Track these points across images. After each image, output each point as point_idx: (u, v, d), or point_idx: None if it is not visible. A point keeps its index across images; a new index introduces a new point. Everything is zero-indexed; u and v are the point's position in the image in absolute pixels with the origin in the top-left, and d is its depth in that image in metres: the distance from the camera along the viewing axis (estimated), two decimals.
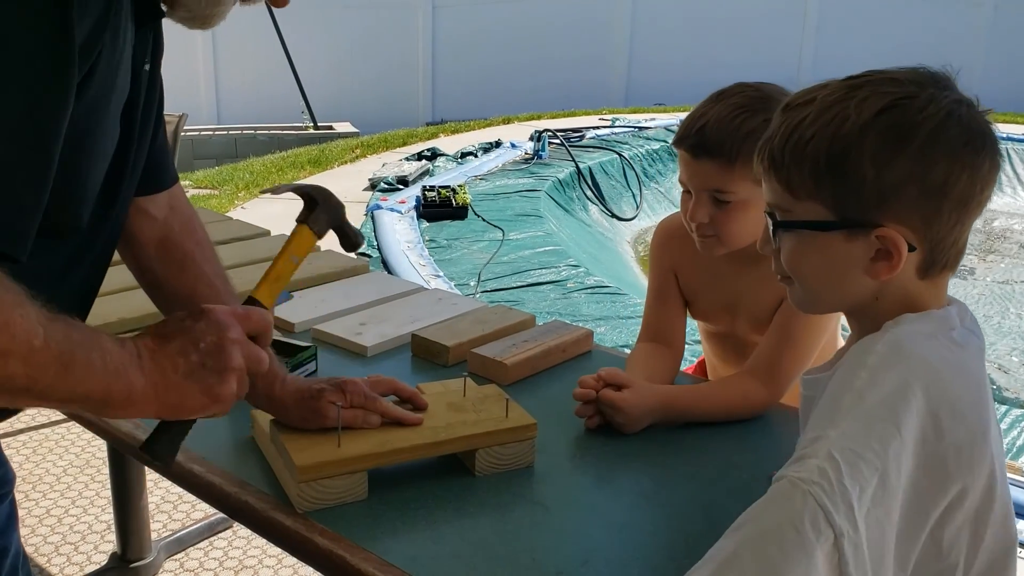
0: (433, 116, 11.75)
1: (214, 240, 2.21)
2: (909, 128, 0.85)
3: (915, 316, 0.91)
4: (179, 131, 3.41)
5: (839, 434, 0.82)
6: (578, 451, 1.32)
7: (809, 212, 0.91)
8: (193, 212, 1.27)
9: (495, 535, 1.12)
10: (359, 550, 1.07)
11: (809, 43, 12.11)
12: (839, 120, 0.87)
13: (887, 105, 0.86)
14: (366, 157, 7.57)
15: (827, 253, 0.91)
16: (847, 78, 0.92)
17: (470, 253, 4.98)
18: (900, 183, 0.86)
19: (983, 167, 0.88)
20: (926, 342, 0.88)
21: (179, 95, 9.87)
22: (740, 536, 0.82)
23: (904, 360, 0.86)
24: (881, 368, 0.85)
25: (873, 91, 0.88)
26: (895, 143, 0.85)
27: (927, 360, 0.86)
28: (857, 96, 0.88)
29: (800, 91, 0.94)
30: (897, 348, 0.87)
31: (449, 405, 1.28)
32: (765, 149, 0.94)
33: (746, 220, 1.37)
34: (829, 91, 0.91)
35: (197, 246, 1.23)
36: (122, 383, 0.84)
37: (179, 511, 2.54)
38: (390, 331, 1.69)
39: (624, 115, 9.25)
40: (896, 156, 0.85)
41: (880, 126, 0.86)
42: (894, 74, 0.90)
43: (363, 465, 1.16)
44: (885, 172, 0.86)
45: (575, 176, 6.75)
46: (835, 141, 0.87)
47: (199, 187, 6.65)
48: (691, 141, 1.36)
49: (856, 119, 0.86)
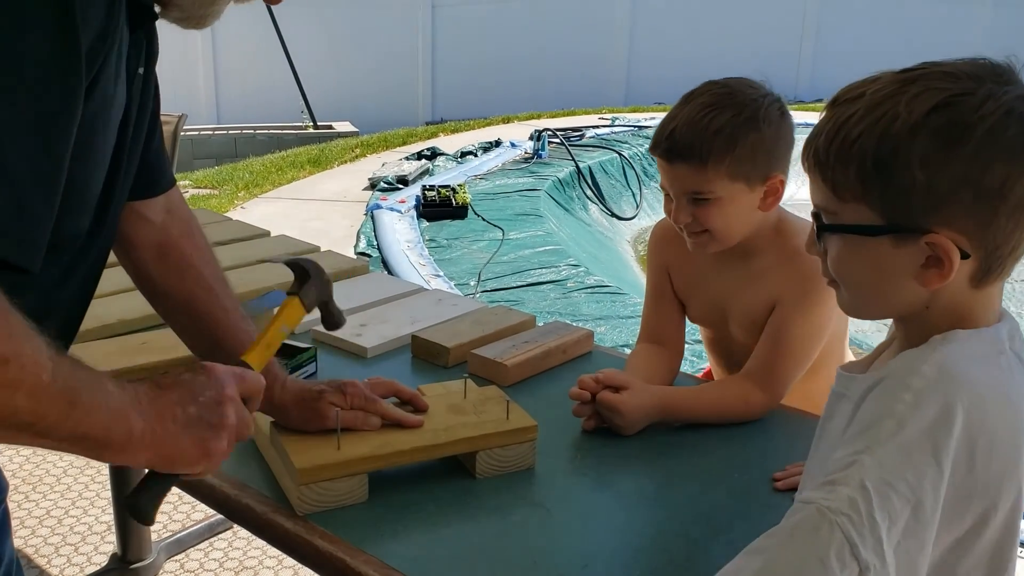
0: (433, 115, 11.75)
1: (213, 241, 2.21)
2: (964, 128, 0.79)
3: (966, 334, 0.86)
4: (179, 131, 3.41)
5: (875, 463, 0.78)
6: (579, 453, 1.32)
7: (855, 215, 0.85)
8: (191, 215, 1.26)
9: (496, 537, 1.11)
10: (359, 553, 1.07)
11: (808, 41, 12.11)
12: (888, 118, 0.81)
13: (940, 102, 0.80)
14: (366, 157, 7.57)
15: (874, 259, 0.86)
16: (901, 71, 0.85)
17: (470, 253, 4.97)
18: (953, 187, 0.80)
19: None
20: (975, 366, 0.84)
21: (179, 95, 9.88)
22: (763, 561, 0.79)
23: (951, 385, 0.81)
24: (926, 393, 0.81)
25: (926, 87, 0.81)
26: (948, 144, 0.80)
27: (974, 387, 0.82)
28: (909, 92, 0.81)
29: (849, 85, 0.87)
30: (945, 373, 0.82)
31: (450, 407, 1.28)
32: (811, 147, 0.88)
33: (728, 215, 1.38)
34: (880, 85, 0.84)
35: (195, 250, 1.22)
36: (123, 426, 0.84)
37: (179, 512, 2.53)
38: (390, 332, 1.69)
39: (624, 114, 9.25)
40: (949, 158, 0.80)
41: (932, 126, 0.80)
42: (951, 67, 0.83)
43: (363, 467, 1.16)
44: (937, 175, 0.80)
45: (575, 175, 6.74)
46: (883, 141, 0.81)
47: (199, 187, 6.65)
48: (664, 147, 1.37)
49: (907, 118, 0.80)
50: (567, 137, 7.48)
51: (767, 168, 1.37)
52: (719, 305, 1.52)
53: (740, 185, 1.36)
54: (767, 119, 1.35)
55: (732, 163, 1.34)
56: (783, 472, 1.26)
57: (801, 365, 1.42)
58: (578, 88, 11.51)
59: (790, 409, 1.46)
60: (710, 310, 1.55)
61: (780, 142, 1.38)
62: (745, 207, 1.39)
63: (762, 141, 1.35)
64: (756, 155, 1.35)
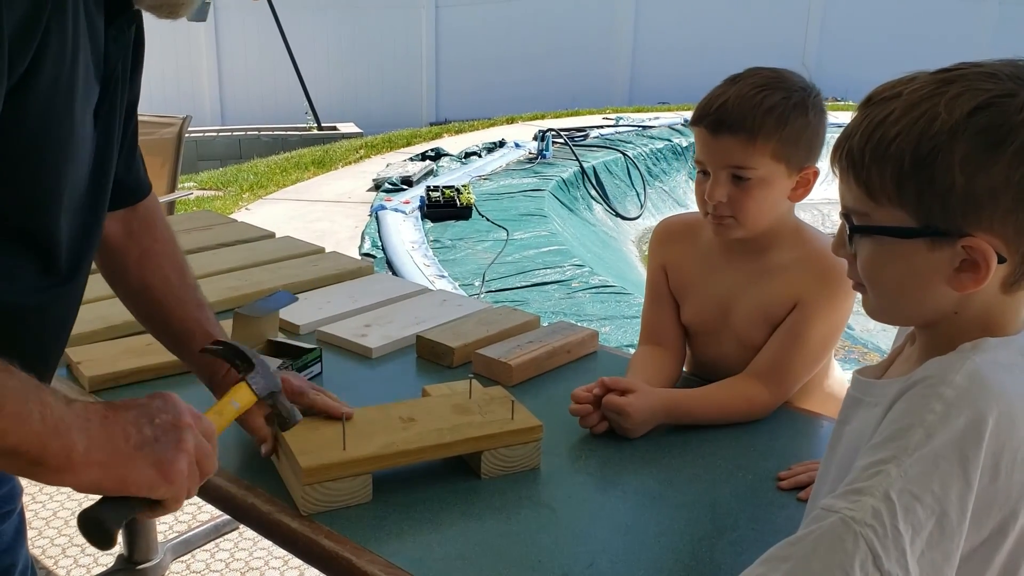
0: (437, 116, 11.76)
1: (218, 243, 2.22)
2: (1006, 130, 0.78)
3: (996, 342, 0.84)
4: (183, 134, 3.41)
5: (900, 473, 0.78)
6: (583, 453, 1.32)
7: (890, 217, 0.83)
8: (155, 206, 1.27)
9: (501, 537, 1.12)
10: (365, 552, 1.07)
11: (813, 41, 12.09)
12: (928, 119, 0.79)
13: (982, 103, 0.79)
14: (370, 158, 7.58)
15: (908, 262, 0.84)
16: (938, 71, 0.83)
17: (474, 253, 4.98)
18: (993, 190, 0.78)
19: None
20: (1006, 376, 0.82)
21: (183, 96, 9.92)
22: (786, 571, 0.78)
23: (982, 396, 0.80)
24: (958, 403, 0.80)
25: (967, 87, 0.80)
26: (989, 147, 0.78)
27: (1005, 398, 0.80)
28: (949, 92, 0.80)
29: (883, 84, 0.85)
30: (977, 383, 0.81)
31: (455, 407, 1.28)
32: (843, 147, 0.86)
33: (764, 199, 1.38)
34: (917, 85, 0.82)
35: (155, 242, 1.24)
36: (61, 442, 0.79)
37: (185, 513, 2.54)
38: (395, 333, 1.69)
39: (628, 114, 9.24)
40: (990, 161, 0.78)
41: (973, 127, 0.78)
42: (991, 67, 0.82)
43: (368, 467, 1.16)
44: (977, 178, 0.78)
45: (579, 175, 6.74)
46: (922, 142, 0.79)
47: (203, 188, 6.66)
48: (712, 118, 1.36)
49: (947, 118, 0.79)
50: (571, 137, 7.48)
51: (807, 156, 1.39)
52: (720, 302, 1.50)
53: (781, 167, 1.37)
54: (814, 107, 1.38)
55: (779, 142, 1.35)
56: (788, 471, 1.26)
57: (813, 366, 1.42)
58: (582, 88, 11.50)
59: (795, 409, 1.46)
60: (709, 307, 1.53)
61: (819, 133, 1.40)
62: (779, 193, 1.39)
63: (807, 127, 1.37)
64: (800, 140, 1.37)
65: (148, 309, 1.25)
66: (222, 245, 2.20)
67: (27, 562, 1.19)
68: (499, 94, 11.41)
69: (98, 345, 1.56)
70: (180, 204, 5.60)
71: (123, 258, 1.22)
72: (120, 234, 1.22)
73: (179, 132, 3.42)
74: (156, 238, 1.25)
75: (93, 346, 1.56)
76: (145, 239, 1.23)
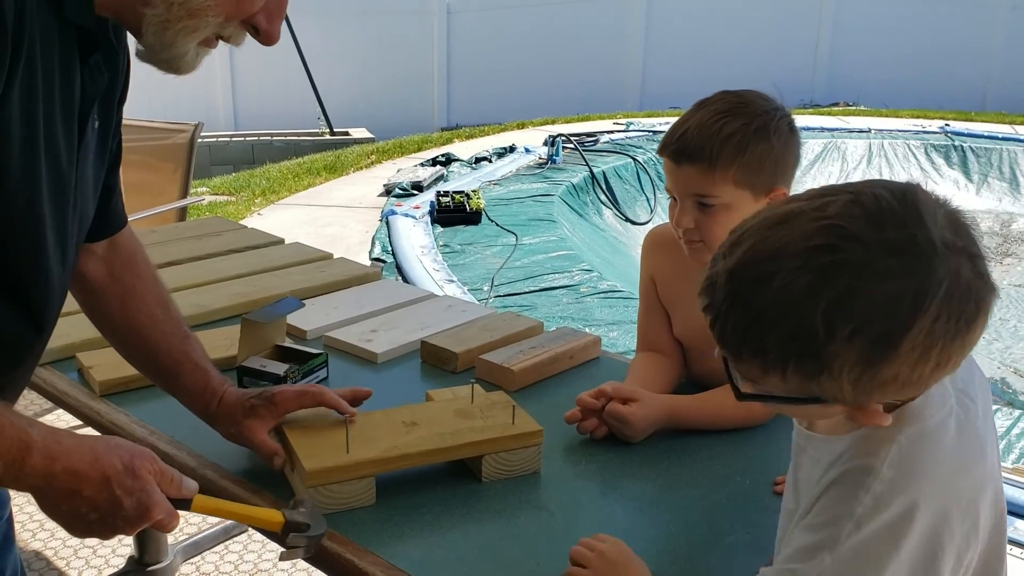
0: (448, 121, 11.79)
1: (228, 248, 2.25)
2: (892, 340, 0.76)
3: (918, 405, 0.83)
4: (195, 140, 3.45)
5: (834, 562, 0.81)
6: (583, 458, 1.34)
7: (779, 386, 0.82)
8: (135, 243, 1.28)
9: (501, 540, 1.14)
10: (367, 554, 1.09)
11: (824, 46, 12.06)
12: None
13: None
14: (381, 163, 7.61)
15: (804, 412, 0.89)
16: (810, 249, 0.78)
17: (484, 258, 5.00)
18: (885, 387, 0.79)
19: (973, 334, 0.79)
20: (935, 444, 0.83)
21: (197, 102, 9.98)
22: None
23: (912, 483, 0.81)
24: (885, 496, 0.80)
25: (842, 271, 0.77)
26: (881, 349, 0.77)
27: (936, 474, 0.81)
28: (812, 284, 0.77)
29: (755, 254, 0.82)
30: (905, 470, 0.81)
31: (457, 412, 1.31)
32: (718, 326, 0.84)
33: (730, 223, 1.37)
34: (785, 276, 0.78)
35: (137, 279, 1.26)
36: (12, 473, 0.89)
37: (195, 515, 2.57)
38: (400, 338, 1.72)
39: (639, 119, 9.25)
40: (883, 363, 0.77)
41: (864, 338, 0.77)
42: (874, 237, 0.76)
43: (371, 470, 1.19)
44: (873, 375, 0.78)
45: (589, 180, 6.75)
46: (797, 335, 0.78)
47: (216, 193, 6.71)
48: (673, 147, 1.39)
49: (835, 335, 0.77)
50: (581, 142, 7.49)
51: (772, 180, 1.39)
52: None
53: (745, 193, 1.38)
54: (777, 131, 1.37)
55: (739, 169, 1.35)
56: (784, 476, 1.27)
57: None
58: (593, 93, 11.51)
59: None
60: (694, 326, 1.53)
61: (787, 156, 1.40)
62: (744, 215, 1.40)
63: (770, 152, 1.36)
64: (763, 165, 1.37)
65: (134, 345, 1.27)
66: (232, 251, 2.23)
67: (16, 568, 1.22)
68: (510, 100, 11.43)
69: (109, 350, 1.58)
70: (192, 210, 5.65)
71: (107, 298, 1.24)
72: (102, 274, 1.23)
73: (191, 138, 3.46)
74: (138, 274, 1.26)
75: (104, 351, 1.58)
76: (127, 277, 1.25)
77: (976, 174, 7.95)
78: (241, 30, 1.00)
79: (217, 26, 0.97)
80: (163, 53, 0.97)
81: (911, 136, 8.33)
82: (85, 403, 1.47)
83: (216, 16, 0.95)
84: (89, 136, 1.03)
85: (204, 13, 0.94)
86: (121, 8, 0.95)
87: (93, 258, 1.22)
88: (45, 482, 0.90)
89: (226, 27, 0.98)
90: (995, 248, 6.86)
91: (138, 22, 0.94)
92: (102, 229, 1.21)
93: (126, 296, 1.24)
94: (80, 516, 0.93)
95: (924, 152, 8.13)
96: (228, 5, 0.95)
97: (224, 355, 1.55)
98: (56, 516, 0.93)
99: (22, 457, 0.89)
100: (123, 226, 1.26)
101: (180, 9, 0.93)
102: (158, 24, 0.94)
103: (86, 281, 1.22)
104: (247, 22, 0.99)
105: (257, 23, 1.00)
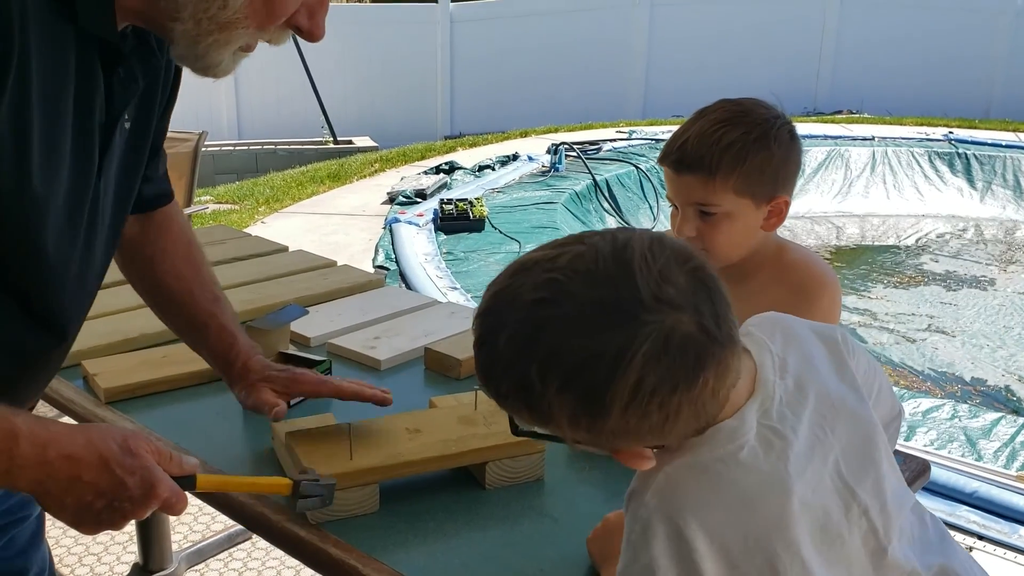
0: (451, 130, 11.82)
1: (232, 256, 2.26)
2: (601, 399, 0.79)
3: (706, 438, 0.84)
4: (199, 148, 3.47)
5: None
6: (587, 464, 1.34)
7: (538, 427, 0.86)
8: (171, 210, 1.33)
9: (505, 547, 1.14)
10: (371, 560, 1.09)
11: (827, 54, 12.07)
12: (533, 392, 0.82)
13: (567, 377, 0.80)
14: (385, 171, 7.63)
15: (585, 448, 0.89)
16: (541, 300, 0.80)
17: (487, 265, 5.00)
18: (620, 433, 0.82)
19: (704, 389, 0.79)
20: (699, 477, 0.84)
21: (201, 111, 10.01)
22: None
23: (672, 509, 0.83)
24: (652, 522, 0.83)
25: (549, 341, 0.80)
26: (593, 414, 0.81)
27: (697, 504, 0.83)
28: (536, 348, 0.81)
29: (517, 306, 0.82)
30: (666, 498, 0.84)
31: (460, 419, 1.31)
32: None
33: (732, 232, 1.40)
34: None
35: (170, 242, 1.31)
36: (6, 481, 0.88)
37: (199, 523, 2.57)
38: (403, 345, 1.72)
39: (641, 127, 9.26)
40: (601, 423, 0.81)
41: (571, 400, 0.80)
42: (582, 297, 0.79)
43: (375, 478, 1.19)
44: (601, 429, 0.82)
45: (592, 188, 6.77)
46: (532, 402, 0.83)
47: (220, 202, 6.73)
48: (673, 157, 1.40)
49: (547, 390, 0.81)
50: (584, 151, 7.51)
51: (773, 188, 1.39)
52: None
53: (746, 201, 1.38)
54: (777, 139, 1.38)
55: (740, 178, 1.36)
56: None
57: None
58: (596, 102, 11.53)
59: None
60: None
61: (788, 164, 1.40)
62: (749, 225, 1.41)
63: (770, 160, 1.37)
64: (764, 173, 1.37)
65: (163, 303, 1.33)
66: (236, 259, 2.24)
67: (44, 565, 1.23)
68: (513, 108, 11.46)
69: (114, 357, 1.60)
70: (196, 218, 5.67)
71: (138, 258, 1.30)
72: (135, 234, 1.28)
73: (195, 147, 3.48)
74: (171, 238, 1.31)
75: (109, 358, 1.59)
76: (160, 239, 1.30)
77: (980, 182, 7.95)
78: (282, 30, 0.98)
79: (250, 36, 0.96)
80: (197, 63, 0.96)
81: (915, 144, 8.33)
82: (91, 410, 1.47)
83: (247, 27, 0.93)
84: (117, 141, 1.02)
85: (235, 26, 0.92)
86: (150, 21, 0.94)
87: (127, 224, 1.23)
88: (43, 472, 0.88)
89: (262, 34, 0.97)
90: (999, 255, 6.86)
91: (168, 34, 0.94)
92: (144, 204, 1.25)
93: (157, 256, 1.30)
94: (86, 506, 0.90)
95: (928, 160, 8.14)
96: (259, 15, 0.93)
97: None
98: (62, 513, 0.91)
99: (9, 447, 0.86)
100: (168, 201, 1.31)
101: (209, 23, 0.91)
102: (189, 38, 0.93)
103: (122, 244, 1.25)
104: (288, 23, 0.97)
105: (298, 23, 0.98)
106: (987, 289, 6.04)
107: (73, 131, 0.93)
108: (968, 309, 5.66)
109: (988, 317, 5.52)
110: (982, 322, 5.43)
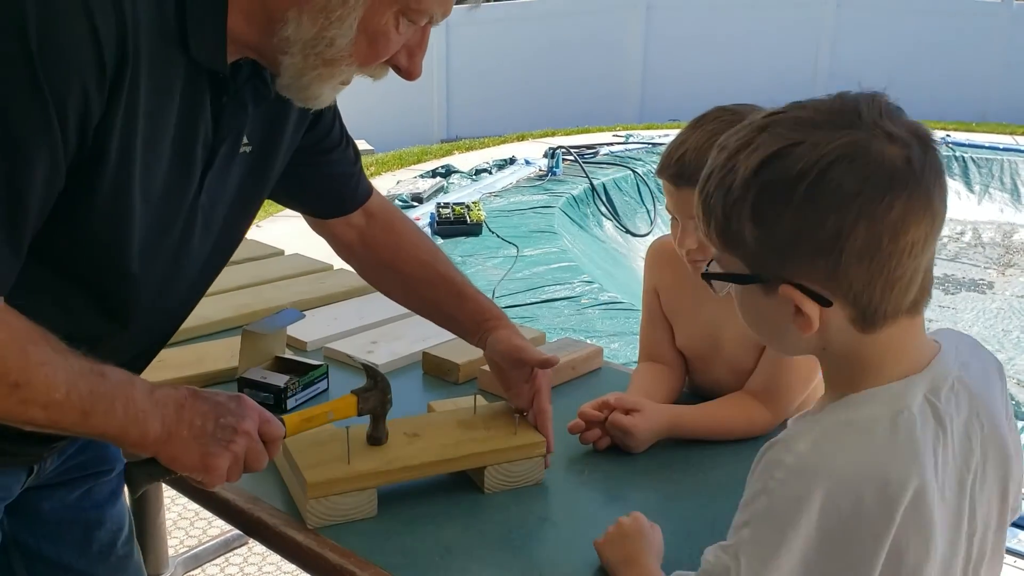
0: (448, 133, 11.81)
1: None
2: (787, 183, 0.80)
3: (865, 396, 0.84)
4: None
5: (751, 532, 0.85)
6: (586, 468, 1.34)
7: (731, 264, 0.87)
8: (392, 210, 1.45)
9: (504, 551, 1.13)
10: (369, 565, 1.09)
11: (824, 57, 12.10)
12: (730, 176, 0.83)
13: (768, 157, 0.81)
14: (381, 175, 7.63)
15: (755, 305, 0.87)
16: (768, 114, 0.85)
17: (484, 269, 5.00)
18: (790, 241, 0.81)
19: (887, 214, 0.79)
20: (854, 439, 0.82)
21: None
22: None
23: (814, 473, 0.81)
24: (792, 476, 0.82)
25: (767, 138, 0.82)
26: (774, 200, 0.81)
27: (836, 472, 0.81)
28: (751, 145, 0.82)
29: (734, 129, 0.87)
30: (813, 458, 0.82)
31: (459, 423, 1.30)
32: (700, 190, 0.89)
33: None
34: (739, 136, 0.84)
35: (397, 239, 1.40)
36: (138, 429, 0.95)
37: (196, 528, 2.56)
38: (401, 349, 1.71)
39: (638, 131, 9.28)
40: (778, 214, 0.81)
41: (760, 183, 0.81)
42: (807, 110, 0.83)
43: (373, 482, 1.18)
44: (772, 230, 0.81)
45: (589, 192, 6.77)
46: (726, 199, 0.83)
47: None
48: (671, 171, 1.37)
49: (743, 173, 0.82)
50: (581, 154, 7.51)
51: None
52: (710, 331, 1.50)
53: None
54: None
55: None
56: None
57: (806, 383, 1.43)
58: (592, 106, 11.53)
59: None
60: (698, 337, 1.53)
61: None
62: None
63: None
64: None
65: (408, 296, 1.44)
66: (231, 263, 2.22)
67: (120, 524, 1.29)
68: (510, 112, 11.45)
69: None
70: None
71: (366, 261, 1.41)
72: (355, 240, 1.38)
73: None
74: (398, 234, 1.40)
75: None
76: (389, 238, 1.39)
77: (977, 184, 7.96)
78: (383, 67, 1.03)
79: (352, 72, 1.01)
80: (299, 93, 1.02)
81: None
82: None
83: (350, 65, 0.99)
84: (221, 163, 1.05)
85: (339, 63, 0.98)
86: (261, 52, 0.99)
87: (348, 228, 1.37)
88: (157, 410, 0.96)
89: (363, 70, 1.02)
90: (997, 259, 6.87)
91: (276, 66, 0.99)
92: (337, 208, 1.35)
93: (391, 255, 1.39)
94: (199, 432, 0.98)
95: None
96: (362, 54, 0.98)
97: (225, 366, 1.55)
98: (186, 451, 0.98)
99: (128, 392, 0.95)
100: (365, 200, 1.38)
101: (316, 59, 0.96)
102: (295, 71, 0.98)
103: (342, 247, 1.40)
104: (388, 62, 1.02)
105: (397, 62, 1.03)
106: (985, 292, 6.04)
107: (172, 150, 0.97)
108: (966, 312, 5.66)
109: (986, 321, 5.52)
110: (980, 326, 5.43)
